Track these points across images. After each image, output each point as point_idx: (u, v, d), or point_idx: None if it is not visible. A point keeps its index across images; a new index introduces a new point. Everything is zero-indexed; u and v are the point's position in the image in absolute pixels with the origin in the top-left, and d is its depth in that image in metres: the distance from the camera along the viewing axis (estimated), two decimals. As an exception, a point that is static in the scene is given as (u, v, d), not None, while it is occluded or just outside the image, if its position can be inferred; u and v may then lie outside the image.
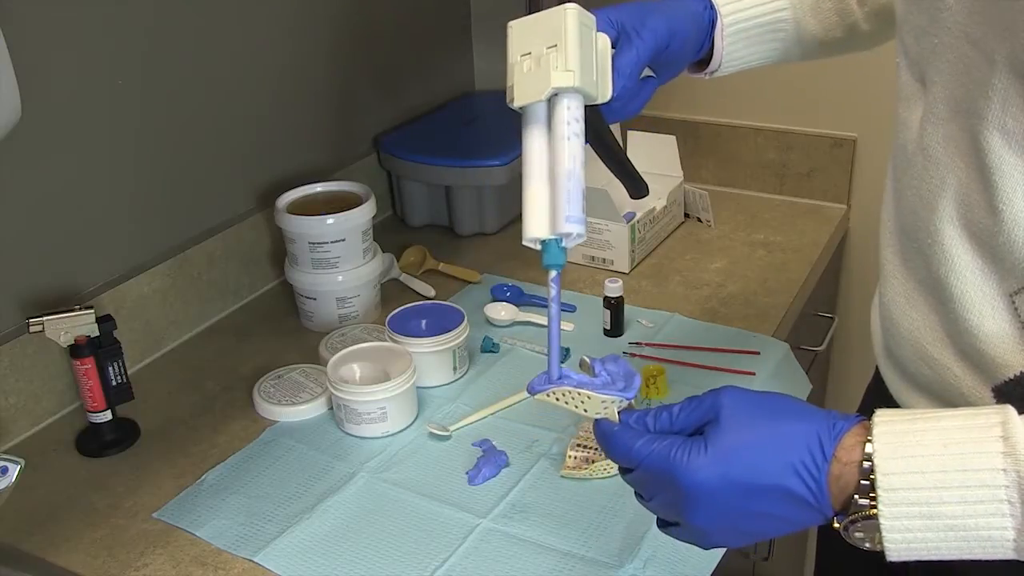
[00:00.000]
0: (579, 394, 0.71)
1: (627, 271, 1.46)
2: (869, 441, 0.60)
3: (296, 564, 0.95)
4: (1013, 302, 0.69)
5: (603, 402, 0.70)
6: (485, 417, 1.14)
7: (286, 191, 1.37)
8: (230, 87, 1.38)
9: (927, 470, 0.59)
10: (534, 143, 0.73)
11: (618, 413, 0.70)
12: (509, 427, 1.13)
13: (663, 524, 0.70)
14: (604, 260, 1.47)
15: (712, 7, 0.91)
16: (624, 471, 0.69)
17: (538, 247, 0.70)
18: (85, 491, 1.07)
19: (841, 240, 1.66)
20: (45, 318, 1.07)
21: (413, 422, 1.15)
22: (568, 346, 1.26)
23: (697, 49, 0.91)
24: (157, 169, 1.30)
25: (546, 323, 1.31)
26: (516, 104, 0.74)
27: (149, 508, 1.04)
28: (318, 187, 1.40)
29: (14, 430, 1.16)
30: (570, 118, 0.72)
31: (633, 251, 1.46)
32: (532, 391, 0.72)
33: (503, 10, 1.85)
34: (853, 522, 0.61)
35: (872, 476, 0.60)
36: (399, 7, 1.68)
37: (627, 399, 0.70)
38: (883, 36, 0.96)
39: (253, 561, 0.95)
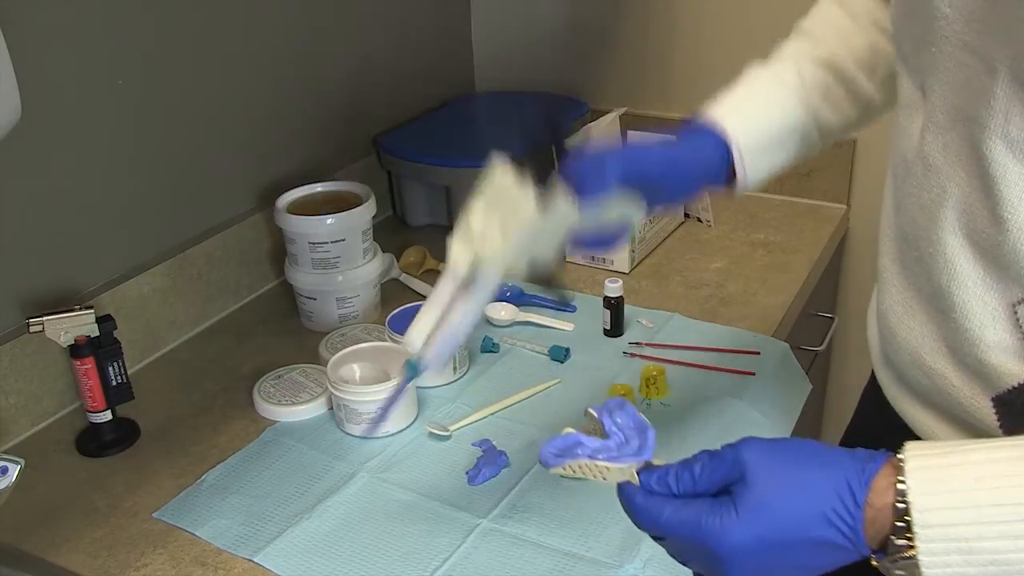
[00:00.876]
0: (596, 466, 0.68)
1: (627, 271, 1.46)
2: (901, 481, 0.59)
3: (296, 564, 0.95)
4: (1015, 312, 0.68)
5: (622, 471, 0.67)
6: (485, 417, 1.14)
7: (286, 191, 1.37)
8: (230, 87, 1.38)
9: (962, 506, 0.58)
10: (447, 285, 0.82)
11: (637, 474, 0.67)
12: (509, 427, 1.13)
13: None
14: (604, 260, 1.47)
15: (722, 142, 0.88)
16: (655, 538, 0.68)
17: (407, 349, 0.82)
18: (85, 491, 1.07)
19: (841, 240, 1.66)
20: (45, 318, 1.07)
21: (413, 422, 1.15)
22: (568, 346, 1.26)
23: (698, 187, 0.90)
24: (157, 169, 1.30)
25: (546, 323, 1.32)
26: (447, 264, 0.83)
27: (149, 508, 1.04)
28: (318, 187, 1.40)
29: (14, 430, 1.16)
30: (481, 288, 0.80)
31: (633, 251, 1.46)
32: (546, 464, 0.69)
33: (503, 10, 1.86)
34: (893, 562, 0.60)
35: (907, 517, 0.59)
36: (399, 7, 1.68)
37: (645, 460, 0.68)
38: (895, 100, 0.96)
39: (253, 561, 0.95)
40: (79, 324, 1.09)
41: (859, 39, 0.91)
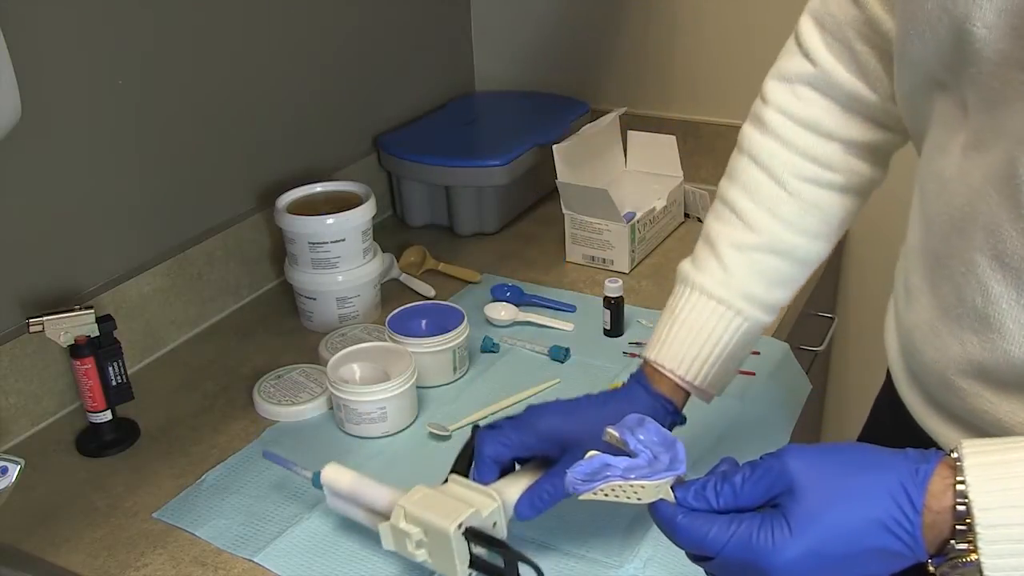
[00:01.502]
0: (630, 487, 0.65)
1: (627, 271, 1.46)
2: (961, 482, 0.57)
3: (296, 564, 0.95)
4: None
5: (657, 487, 0.64)
6: (485, 417, 1.14)
7: (286, 191, 1.37)
8: (230, 87, 1.38)
9: None
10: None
11: (672, 489, 0.64)
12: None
13: None
14: (604, 260, 1.47)
15: (671, 409, 0.90)
16: (698, 558, 0.65)
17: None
18: (85, 491, 1.07)
19: (841, 240, 1.65)
20: (45, 318, 1.07)
21: (413, 422, 1.15)
22: (568, 346, 1.26)
23: None
24: (157, 169, 1.30)
25: (546, 323, 1.32)
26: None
27: (149, 508, 1.04)
28: (318, 187, 1.39)
29: (14, 430, 1.16)
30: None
31: (633, 251, 1.46)
32: (575, 491, 0.66)
33: (503, 10, 1.86)
34: (954, 567, 0.58)
35: (968, 520, 0.56)
36: (399, 7, 1.68)
37: (680, 474, 0.65)
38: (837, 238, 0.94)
39: (253, 561, 0.95)
40: (79, 324, 1.09)
41: (789, 206, 0.88)
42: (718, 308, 0.88)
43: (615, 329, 1.30)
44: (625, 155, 1.64)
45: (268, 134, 1.46)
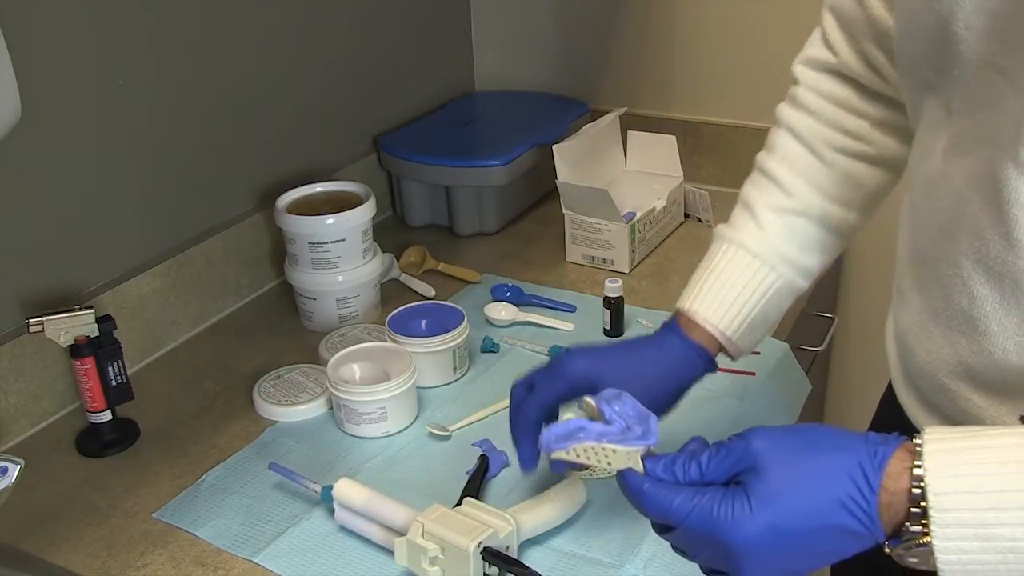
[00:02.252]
0: (602, 449, 0.66)
1: (627, 271, 1.46)
2: (918, 465, 0.58)
3: (296, 564, 0.95)
4: None
5: (628, 454, 0.66)
6: (485, 417, 1.14)
7: (286, 191, 1.37)
8: (230, 87, 1.38)
9: (983, 490, 0.56)
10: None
11: (642, 460, 0.66)
12: (509, 427, 1.12)
13: (709, 571, 0.67)
14: (604, 260, 1.47)
15: (705, 357, 0.90)
16: (661, 528, 0.67)
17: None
18: (85, 491, 1.07)
19: (841, 240, 1.66)
20: (45, 318, 1.07)
21: (413, 422, 1.15)
22: (568, 346, 1.25)
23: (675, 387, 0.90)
24: (157, 169, 1.30)
25: (546, 323, 1.32)
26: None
27: (149, 508, 1.04)
28: (318, 187, 1.39)
29: (14, 430, 1.16)
30: None
31: (633, 251, 1.46)
32: (548, 448, 0.68)
33: (503, 10, 1.86)
34: (907, 549, 0.59)
35: (923, 503, 0.57)
36: (399, 7, 1.68)
37: (650, 445, 0.66)
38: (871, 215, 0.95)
39: (253, 561, 0.95)
40: (79, 324, 1.09)
41: (827, 176, 0.90)
42: (754, 263, 0.90)
43: (615, 329, 1.30)
44: (625, 155, 1.64)
45: (268, 134, 1.46)
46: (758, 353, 1.22)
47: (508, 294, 1.39)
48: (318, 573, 0.93)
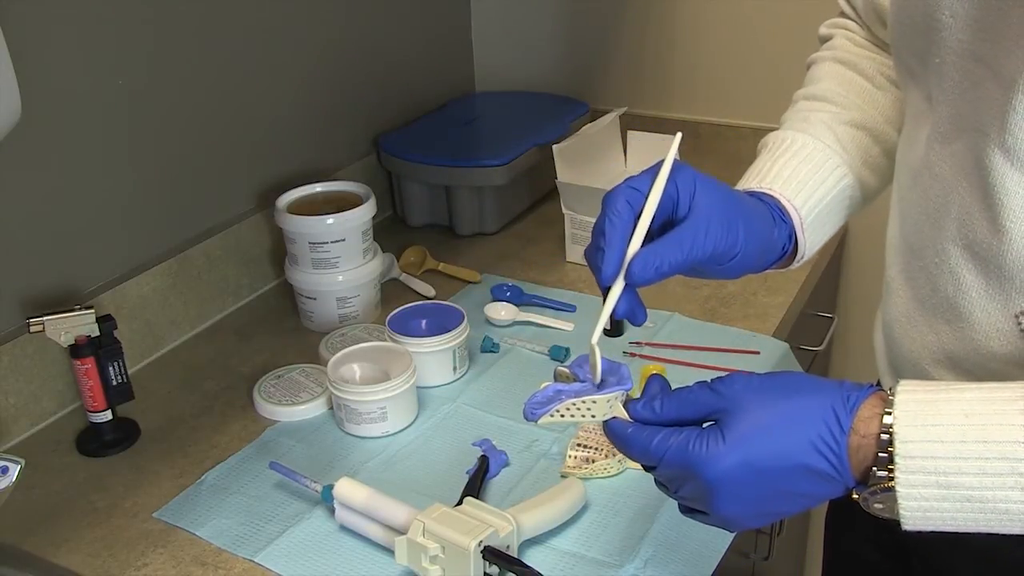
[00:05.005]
0: (583, 403, 0.69)
1: (627, 271, 1.45)
2: (888, 412, 0.60)
3: (296, 564, 0.95)
4: (1019, 323, 0.68)
5: (608, 401, 0.69)
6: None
7: (286, 191, 1.37)
8: (230, 87, 1.38)
9: (947, 439, 0.58)
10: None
11: (624, 407, 0.69)
12: (509, 427, 1.13)
13: (687, 510, 0.69)
14: (604, 260, 1.47)
15: (783, 218, 0.81)
16: (646, 467, 0.69)
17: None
18: (85, 491, 1.07)
19: (841, 240, 1.66)
20: (45, 318, 1.07)
21: (413, 422, 1.15)
22: (568, 346, 1.26)
23: (758, 266, 0.79)
24: (157, 169, 1.30)
25: (546, 323, 1.32)
26: None
27: (149, 508, 1.04)
28: (318, 187, 1.40)
29: (14, 430, 1.16)
30: None
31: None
32: (532, 416, 0.69)
33: (503, 10, 1.86)
34: (872, 493, 0.61)
35: (891, 448, 0.59)
36: (399, 7, 1.68)
37: (626, 390, 0.69)
38: None
39: (253, 561, 0.95)
40: (79, 324, 1.09)
41: (882, 97, 0.88)
42: (826, 149, 0.85)
43: (615, 329, 1.29)
44: (625, 155, 1.64)
45: (268, 134, 1.46)
46: (758, 353, 1.23)
47: (508, 294, 1.39)
48: (318, 573, 0.93)
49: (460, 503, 0.94)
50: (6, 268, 1.13)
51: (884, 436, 0.60)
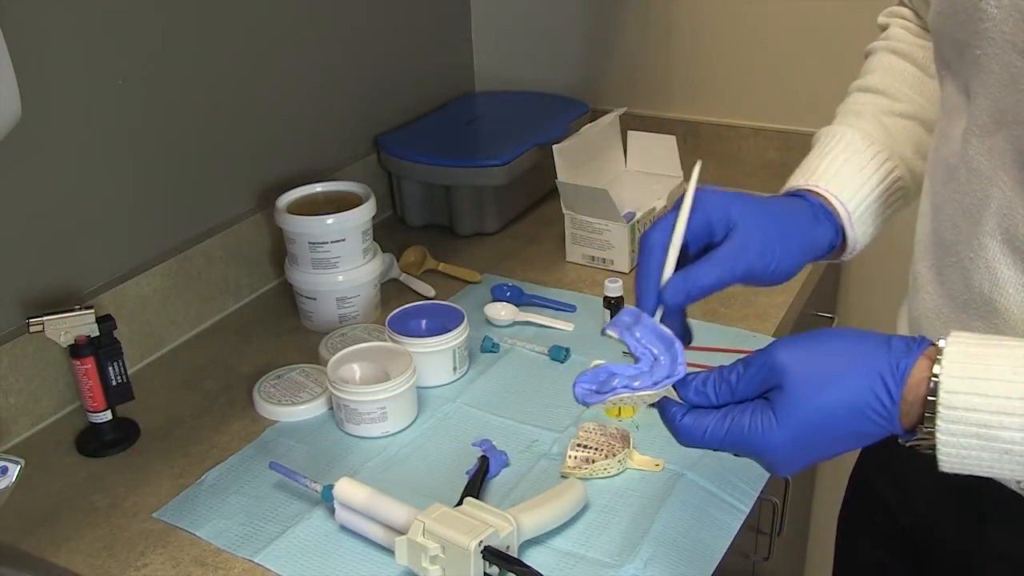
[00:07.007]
0: (638, 397, 0.70)
1: (627, 271, 1.46)
2: (937, 361, 0.61)
3: (296, 564, 0.95)
4: None
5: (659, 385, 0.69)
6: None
7: (286, 191, 1.37)
8: (230, 87, 1.38)
9: (991, 394, 0.60)
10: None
11: (674, 387, 0.69)
12: (509, 427, 1.13)
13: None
14: (604, 260, 1.47)
15: (828, 215, 0.82)
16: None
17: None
18: (85, 491, 1.07)
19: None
20: (45, 318, 1.07)
21: (413, 422, 1.15)
22: (568, 346, 1.26)
23: (804, 260, 0.82)
24: (157, 169, 1.30)
25: (546, 323, 1.32)
26: None
27: (149, 508, 1.04)
28: (318, 187, 1.40)
29: (14, 430, 1.16)
30: None
31: (633, 251, 1.46)
32: (585, 403, 0.70)
33: (503, 10, 1.86)
34: (917, 444, 0.63)
35: (934, 398, 0.61)
36: (399, 7, 1.68)
37: (680, 377, 0.69)
38: None
39: (253, 561, 0.95)
40: (79, 324, 1.09)
41: (935, 86, 0.86)
42: (873, 147, 0.87)
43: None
44: (625, 155, 1.64)
45: (268, 134, 1.46)
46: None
47: (508, 294, 1.39)
48: (318, 573, 0.93)
49: (460, 503, 0.94)
50: (6, 268, 1.13)
51: (932, 383, 0.61)
